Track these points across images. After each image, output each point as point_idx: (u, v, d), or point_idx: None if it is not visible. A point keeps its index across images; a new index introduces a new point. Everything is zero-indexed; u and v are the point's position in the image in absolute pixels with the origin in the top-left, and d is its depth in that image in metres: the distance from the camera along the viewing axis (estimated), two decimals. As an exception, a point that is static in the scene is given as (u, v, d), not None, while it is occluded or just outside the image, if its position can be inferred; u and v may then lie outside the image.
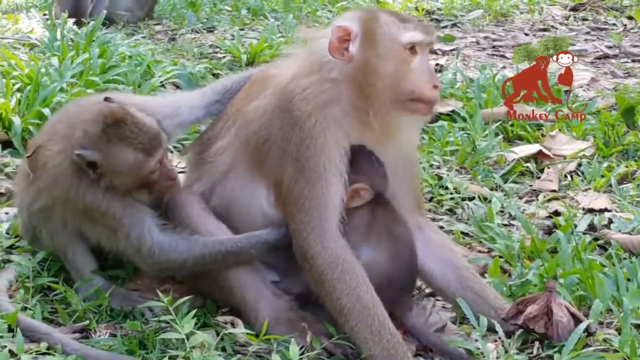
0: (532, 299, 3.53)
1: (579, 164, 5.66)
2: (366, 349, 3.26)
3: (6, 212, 4.47)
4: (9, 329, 3.39)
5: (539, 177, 5.52)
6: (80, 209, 3.59)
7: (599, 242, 4.45)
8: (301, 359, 3.26)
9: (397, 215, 3.60)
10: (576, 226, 4.62)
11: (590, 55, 9.30)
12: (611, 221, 4.73)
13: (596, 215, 4.82)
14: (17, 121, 5.43)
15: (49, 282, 3.80)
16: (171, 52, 8.49)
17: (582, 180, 5.47)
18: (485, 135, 5.98)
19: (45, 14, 9.66)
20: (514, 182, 5.45)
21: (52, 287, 3.77)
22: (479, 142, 5.83)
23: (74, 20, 8.70)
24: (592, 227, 4.68)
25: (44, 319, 3.58)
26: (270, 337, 3.31)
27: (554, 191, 5.30)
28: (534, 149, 5.83)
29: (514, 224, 4.80)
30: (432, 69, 3.55)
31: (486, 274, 4.02)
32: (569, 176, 5.53)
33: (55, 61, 6.61)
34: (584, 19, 11.28)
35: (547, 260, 4.02)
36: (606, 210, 4.91)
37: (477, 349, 3.42)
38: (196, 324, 3.35)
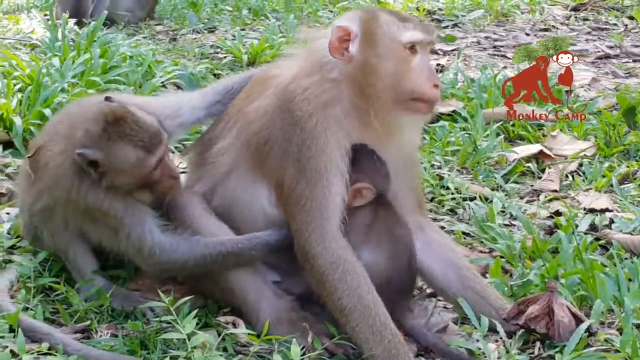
0: (533, 299, 3.53)
1: (580, 164, 5.66)
2: (367, 349, 3.26)
3: (7, 213, 4.47)
4: (11, 329, 3.39)
5: (540, 177, 5.52)
6: (81, 209, 3.59)
7: (600, 242, 4.45)
8: (302, 359, 3.26)
9: (398, 216, 3.60)
10: (577, 226, 4.62)
11: (591, 55, 9.29)
12: (612, 221, 4.72)
13: (597, 215, 4.82)
14: (18, 121, 5.44)
15: (50, 283, 3.80)
16: (172, 53, 8.49)
17: (583, 180, 5.46)
18: (486, 135, 5.98)
19: (46, 15, 9.65)
20: (515, 182, 5.45)
21: (54, 288, 3.77)
22: (480, 142, 5.82)
23: (75, 20, 8.69)
24: (593, 227, 4.68)
25: (46, 319, 3.58)
26: (271, 337, 3.31)
27: (555, 191, 5.30)
28: (535, 149, 5.82)
29: (515, 224, 4.80)
30: (433, 68, 3.54)
31: (487, 274, 4.02)
32: (570, 176, 5.53)
33: (56, 61, 6.62)
34: (585, 19, 11.27)
35: (549, 260, 4.02)
36: (607, 210, 4.91)
37: (479, 349, 3.42)
38: (197, 324, 3.35)
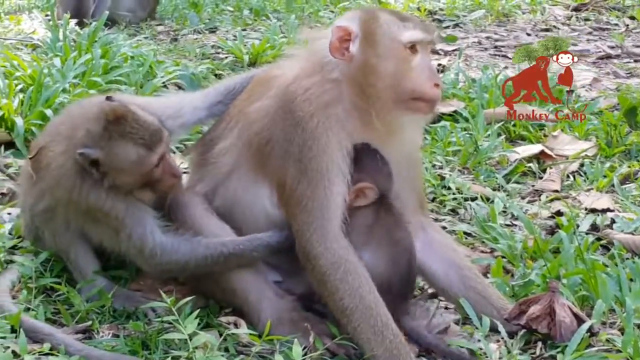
0: (534, 299, 3.53)
1: (582, 164, 5.65)
2: (369, 349, 3.26)
3: (9, 213, 4.47)
4: (12, 330, 3.40)
5: (542, 177, 5.52)
6: (83, 210, 3.59)
7: (602, 242, 4.44)
8: (304, 359, 3.26)
9: (398, 219, 3.58)
10: (579, 226, 4.62)
11: (592, 55, 9.28)
12: (614, 221, 4.72)
13: (599, 215, 4.81)
14: (19, 122, 5.44)
15: (51, 283, 3.80)
16: (173, 53, 8.49)
17: (585, 180, 5.46)
18: (487, 135, 5.98)
19: (47, 15, 9.66)
20: (517, 183, 5.45)
21: (55, 288, 3.77)
22: (482, 143, 5.82)
23: (76, 20, 8.70)
24: (594, 227, 4.68)
25: (47, 319, 3.58)
26: (273, 338, 3.31)
27: (557, 191, 5.30)
28: (536, 149, 5.82)
29: (516, 224, 4.79)
30: (433, 67, 3.54)
31: (489, 274, 4.02)
32: (571, 176, 5.53)
33: (57, 62, 6.62)
34: (586, 19, 11.26)
35: (550, 260, 4.01)
36: (609, 210, 4.91)
37: (480, 349, 3.42)
38: (199, 324, 3.35)
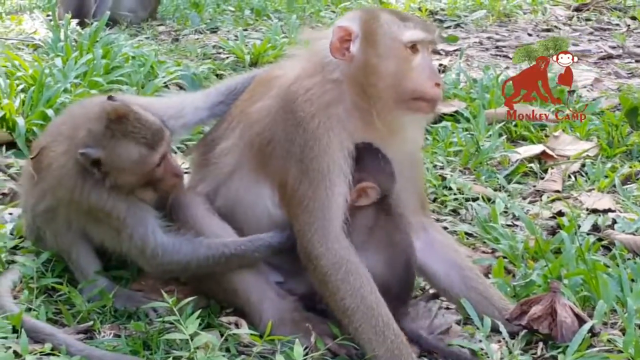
0: (536, 300, 3.53)
1: (583, 165, 5.65)
2: (370, 350, 3.27)
3: (10, 213, 4.47)
4: (14, 330, 3.39)
5: (543, 178, 5.52)
6: (84, 210, 3.59)
7: (603, 242, 4.45)
8: (305, 359, 3.27)
9: (398, 222, 3.58)
10: (580, 227, 4.61)
11: (593, 55, 9.28)
12: (615, 221, 4.72)
13: (600, 215, 4.82)
14: (21, 122, 5.44)
15: (53, 283, 3.80)
16: (174, 53, 8.49)
17: (586, 180, 5.46)
18: (488, 135, 5.98)
19: (48, 15, 9.65)
20: (518, 183, 5.45)
21: (56, 288, 3.77)
22: (483, 143, 5.82)
23: (77, 21, 8.69)
24: (596, 228, 4.68)
25: (48, 319, 3.58)
26: (274, 338, 3.32)
27: (558, 192, 5.30)
28: (537, 149, 5.82)
29: (517, 225, 4.79)
30: (434, 67, 3.54)
31: (490, 275, 4.02)
32: (572, 176, 5.53)
33: (59, 62, 6.62)
34: (588, 19, 11.26)
35: (551, 260, 4.01)
36: (610, 210, 4.91)
37: (481, 349, 3.42)
38: (200, 324, 3.35)
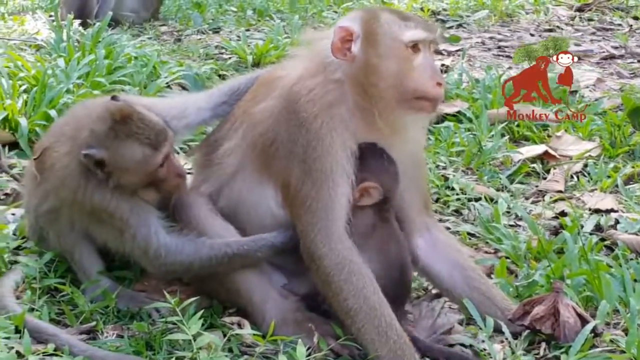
0: (538, 300, 3.53)
1: (585, 165, 5.66)
2: (373, 350, 3.27)
3: (13, 214, 4.47)
4: (16, 330, 3.39)
5: (545, 178, 5.52)
6: (87, 210, 3.59)
7: (606, 242, 4.45)
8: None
9: (394, 227, 3.58)
10: (582, 227, 4.61)
11: (596, 55, 9.28)
12: (617, 222, 4.73)
13: (602, 215, 4.82)
14: (23, 122, 5.44)
15: (56, 284, 3.80)
16: (177, 53, 8.48)
17: (589, 180, 5.46)
18: (491, 135, 5.98)
19: (51, 16, 9.64)
20: (520, 183, 5.45)
21: (59, 288, 3.77)
22: (485, 143, 5.82)
23: (79, 21, 8.70)
24: (598, 228, 4.68)
25: (51, 320, 3.58)
26: (277, 338, 3.32)
27: (560, 192, 5.30)
28: (540, 149, 5.82)
29: (520, 225, 4.80)
30: (436, 66, 3.53)
31: (493, 275, 4.02)
32: (575, 177, 5.53)
33: (61, 62, 6.62)
34: (590, 20, 11.25)
35: (554, 260, 4.01)
36: (612, 210, 4.91)
37: (484, 349, 3.42)
38: (203, 324, 3.35)
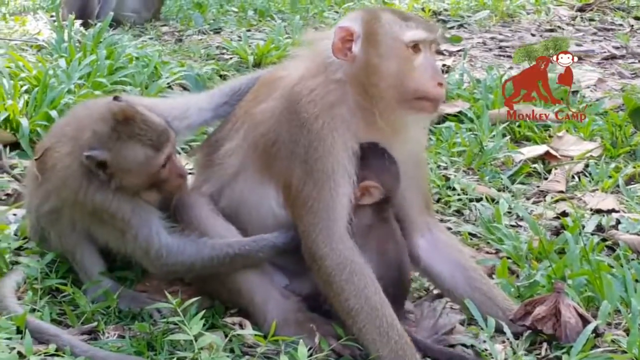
0: (540, 300, 3.53)
1: (587, 165, 5.66)
2: (374, 350, 3.26)
3: (14, 214, 4.47)
4: (18, 331, 3.40)
5: (547, 178, 5.52)
6: (89, 211, 3.59)
7: (607, 242, 4.45)
8: (309, 360, 3.27)
9: (393, 229, 3.58)
10: (584, 227, 4.61)
11: (597, 55, 9.27)
12: (619, 222, 4.72)
13: (604, 216, 4.82)
14: (24, 123, 5.45)
15: (57, 284, 3.80)
16: (178, 54, 8.49)
17: (590, 181, 5.46)
18: (492, 136, 5.98)
19: (52, 16, 9.65)
20: (522, 183, 5.45)
21: (61, 289, 3.77)
22: (486, 143, 5.82)
23: (81, 21, 8.70)
24: (599, 228, 4.68)
25: (53, 320, 3.58)
26: (278, 338, 3.32)
27: (562, 192, 5.30)
28: (541, 149, 5.82)
29: (521, 225, 4.79)
30: (437, 66, 3.53)
31: (494, 275, 4.02)
32: (576, 177, 5.53)
33: (62, 63, 6.63)
34: (591, 20, 11.25)
35: (555, 261, 4.01)
36: (614, 210, 4.91)
37: (485, 350, 3.42)
38: (204, 325, 3.35)
